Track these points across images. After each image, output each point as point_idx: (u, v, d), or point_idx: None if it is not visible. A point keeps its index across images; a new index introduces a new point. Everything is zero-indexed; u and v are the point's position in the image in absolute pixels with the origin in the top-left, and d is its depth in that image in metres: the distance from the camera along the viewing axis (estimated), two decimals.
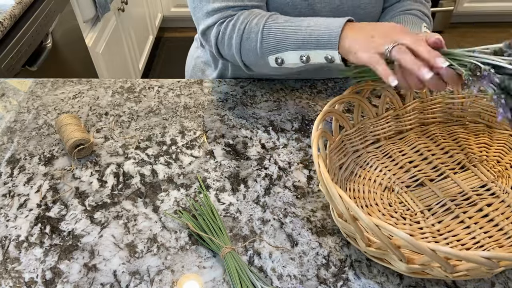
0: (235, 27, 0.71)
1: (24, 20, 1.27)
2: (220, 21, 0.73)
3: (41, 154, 0.74)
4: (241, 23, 0.71)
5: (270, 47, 0.69)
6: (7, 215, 0.64)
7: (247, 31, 0.70)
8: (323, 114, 0.60)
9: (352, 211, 0.47)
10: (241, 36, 0.71)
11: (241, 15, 0.71)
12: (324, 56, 0.64)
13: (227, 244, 0.57)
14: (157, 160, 0.73)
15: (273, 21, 0.69)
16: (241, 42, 0.71)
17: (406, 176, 0.68)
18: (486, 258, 0.42)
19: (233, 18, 0.72)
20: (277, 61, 0.69)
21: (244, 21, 0.70)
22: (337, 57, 0.63)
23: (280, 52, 0.68)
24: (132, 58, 2.20)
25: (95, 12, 1.71)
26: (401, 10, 0.80)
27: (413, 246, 0.43)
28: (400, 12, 0.80)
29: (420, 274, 0.52)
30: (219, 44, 0.75)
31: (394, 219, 0.62)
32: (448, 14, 2.73)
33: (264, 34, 0.68)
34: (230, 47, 0.73)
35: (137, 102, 0.86)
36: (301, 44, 0.65)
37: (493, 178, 0.67)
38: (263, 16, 0.70)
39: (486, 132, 0.74)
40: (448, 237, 0.59)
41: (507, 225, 0.59)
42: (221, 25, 0.73)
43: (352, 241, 0.57)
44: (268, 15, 0.70)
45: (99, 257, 0.58)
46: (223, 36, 0.73)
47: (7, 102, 0.87)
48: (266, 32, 0.68)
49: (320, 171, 0.52)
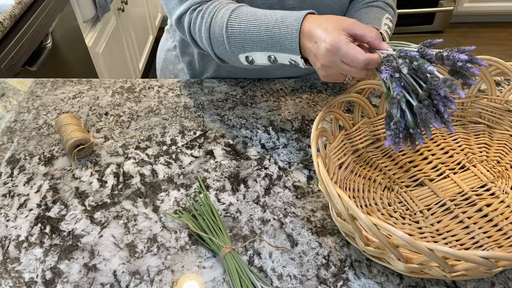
0: (203, 18, 0.69)
1: (24, 20, 1.27)
2: (192, 8, 0.71)
3: (41, 154, 0.74)
4: (208, 15, 0.69)
5: (237, 46, 0.66)
6: (7, 215, 0.64)
7: (213, 24, 0.68)
8: (323, 113, 0.61)
9: (350, 210, 0.47)
10: (208, 30, 0.69)
11: (210, 5, 0.69)
12: (288, 60, 0.63)
13: (227, 244, 0.57)
14: (157, 160, 0.73)
15: (237, 16, 0.66)
16: (209, 36, 0.69)
17: (406, 176, 0.68)
18: (484, 258, 0.42)
19: (202, 7, 0.70)
20: (247, 59, 0.67)
21: (211, 13, 0.68)
22: (300, 62, 0.61)
23: (248, 52, 0.66)
24: (132, 58, 2.20)
25: (95, 12, 1.71)
26: (364, 3, 0.79)
27: (412, 245, 0.43)
28: (364, 5, 0.78)
29: (418, 273, 0.52)
30: (192, 34, 0.73)
31: (394, 218, 0.62)
32: (448, 14, 2.73)
33: (229, 32, 0.66)
34: (201, 39, 0.72)
35: (137, 102, 0.86)
36: (265, 45, 0.63)
37: (493, 179, 0.67)
38: (228, 8, 0.67)
39: (486, 132, 0.74)
40: (447, 237, 0.59)
41: (506, 226, 0.59)
42: (192, 12, 0.71)
43: (351, 240, 0.57)
44: (232, 8, 0.67)
45: (99, 257, 0.58)
46: (194, 26, 0.71)
47: (7, 102, 0.87)
48: (231, 30, 0.66)
49: (319, 170, 0.52)
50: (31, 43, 1.28)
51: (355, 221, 0.50)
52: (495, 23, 2.90)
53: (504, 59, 0.68)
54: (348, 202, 0.47)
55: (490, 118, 0.74)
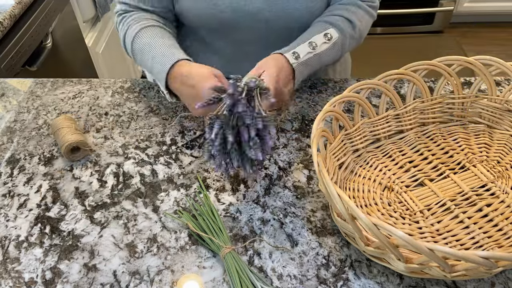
0: (123, 25, 0.80)
1: (24, 20, 1.27)
2: (119, 12, 0.82)
3: (41, 154, 0.74)
4: (126, 25, 0.79)
5: (138, 63, 0.79)
6: (7, 215, 0.64)
7: (127, 35, 0.78)
8: (323, 113, 0.60)
9: (350, 210, 0.47)
10: (124, 38, 0.80)
11: (130, 16, 0.79)
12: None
13: (227, 244, 0.57)
14: (157, 160, 0.73)
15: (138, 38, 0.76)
16: (124, 42, 0.80)
17: (406, 176, 0.68)
18: (484, 258, 0.42)
19: (126, 16, 0.80)
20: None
21: (128, 24, 0.78)
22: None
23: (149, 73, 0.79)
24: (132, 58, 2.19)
25: (95, 12, 1.71)
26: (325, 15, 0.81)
27: (411, 245, 0.43)
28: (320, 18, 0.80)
29: (419, 273, 0.52)
30: (118, 31, 0.82)
31: (393, 218, 0.62)
32: (448, 14, 2.73)
33: (133, 49, 0.78)
34: (121, 41, 0.82)
35: (137, 102, 0.86)
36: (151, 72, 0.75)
37: (493, 178, 0.67)
38: (136, 28, 0.77)
39: (486, 133, 0.74)
40: (447, 237, 0.59)
41: (506, 226, 0.59)
42: (119, 16, 0.81)
43: (351, 240, 0.57)
44: (139, 28, 0.76)
45: (99, 257, 0.58)
46: (117, 27, 0.82)
47: (7, 102, 0.87)
48: (133, 48, 0.77)
49: (319, 170, 0.52)
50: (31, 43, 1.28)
51: (355, 221, 0.50)
52: (495, 23, 2.90)
53: (504, 59, 0.68)
54: (348, 202, 0.47)
55: (490, 118, 0.74)
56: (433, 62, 0.70)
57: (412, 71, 0.70)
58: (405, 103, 0.73)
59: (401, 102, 0.72)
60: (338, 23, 0.77)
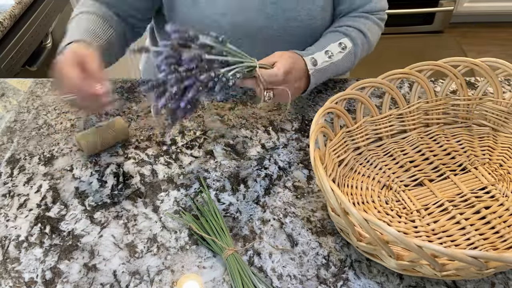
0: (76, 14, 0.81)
1: (24, 20, 1.27)
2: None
3: (41, 154, 0.74)
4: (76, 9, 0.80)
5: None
6: (7, 215, 0.64)
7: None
8: (324, 109, 0.60)
9: (343, 204, 0.47)
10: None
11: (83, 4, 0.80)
12: None
13: (230, 246, 0.56)
14: (157, 160, 0.73)
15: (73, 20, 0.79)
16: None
17: (406, 175, 0.68)
18: (472, 257, 0.41)
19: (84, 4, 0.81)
20: None
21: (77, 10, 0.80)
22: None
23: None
24: (132, 58, 2.20)
25: None
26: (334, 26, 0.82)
27: (401, 242, 0.43)
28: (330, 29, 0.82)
29: (411, 271, 0.52)
30: None
31: (389, 216, 0.62)
32: (448, 14, 2.72)
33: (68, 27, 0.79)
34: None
35: (137, 102, 0.86)
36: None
37: (494, 181, 0.66)
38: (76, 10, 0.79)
39: (491, 135, 0.73)
40: (442, 237, 0.59)
41: (503, 228, 0.59)
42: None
43: (345, 236, 0.57)
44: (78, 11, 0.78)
45: (99, 257, 0.58)
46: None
47: (7, 102, 0.87)
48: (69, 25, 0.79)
49: (315, 165, 0.52)
50: (31, 43, 1.28)
51: (348, 216, 0.50)
52: (495, 23, 2.90)
53: (504, 59, 0.68)
54: (341, 196, 0.47)
55: (496, 120, 0.73)
56: (439, 63, 0.70)
57: (417, 71, 0.70)
58: (408, 103, 0.73)
59: (404, 102, 0.72)
60: (351, 34, 0.79)
